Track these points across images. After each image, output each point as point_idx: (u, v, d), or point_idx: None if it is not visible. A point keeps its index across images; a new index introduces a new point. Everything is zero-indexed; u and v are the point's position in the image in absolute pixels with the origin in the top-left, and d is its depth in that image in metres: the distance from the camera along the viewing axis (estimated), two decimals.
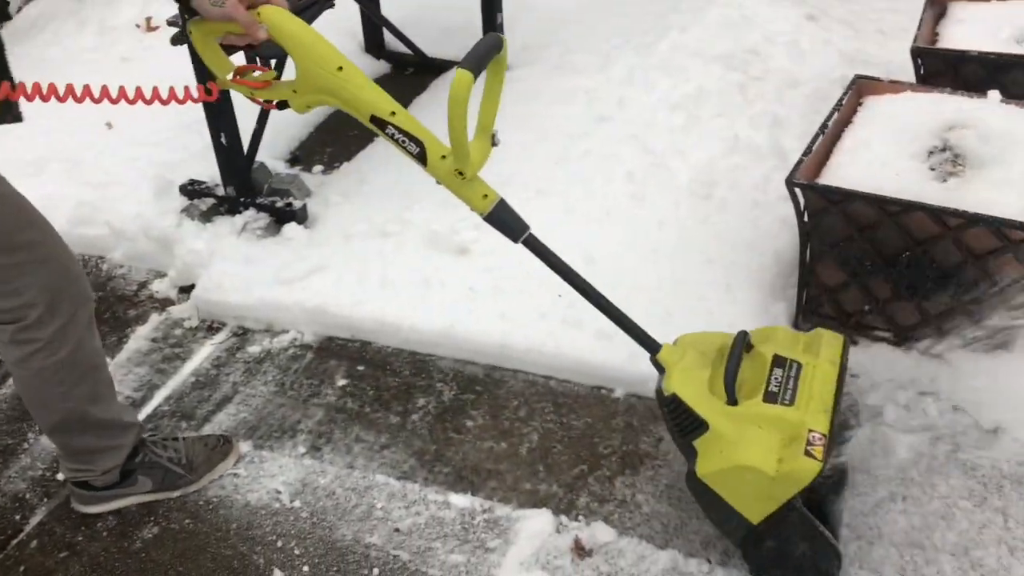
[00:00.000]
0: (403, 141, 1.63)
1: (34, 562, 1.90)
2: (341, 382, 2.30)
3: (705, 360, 1.76)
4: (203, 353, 2.43)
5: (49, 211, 1.75)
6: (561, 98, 3.20)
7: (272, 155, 3.08)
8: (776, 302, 2.33)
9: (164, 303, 2.59)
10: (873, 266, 2.10)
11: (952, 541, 1.82)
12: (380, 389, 2.28)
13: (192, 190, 2.79)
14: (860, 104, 2.34)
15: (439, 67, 3.52)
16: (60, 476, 2.05)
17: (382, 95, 1.62)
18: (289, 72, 1.69)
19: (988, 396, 2.04)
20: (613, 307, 1.77)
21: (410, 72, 3.59)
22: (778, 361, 1.72)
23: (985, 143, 2.06)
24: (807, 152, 2.15)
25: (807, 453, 1.59)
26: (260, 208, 2.72)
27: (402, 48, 3.60)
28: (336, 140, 3.23)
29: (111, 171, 2.99)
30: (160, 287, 2.64)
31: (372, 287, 2.47)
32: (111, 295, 2.65)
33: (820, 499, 1.84)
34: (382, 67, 3.64)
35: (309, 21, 2.60)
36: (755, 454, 1.62)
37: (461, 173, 1.65)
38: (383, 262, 2.55)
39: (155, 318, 2.55)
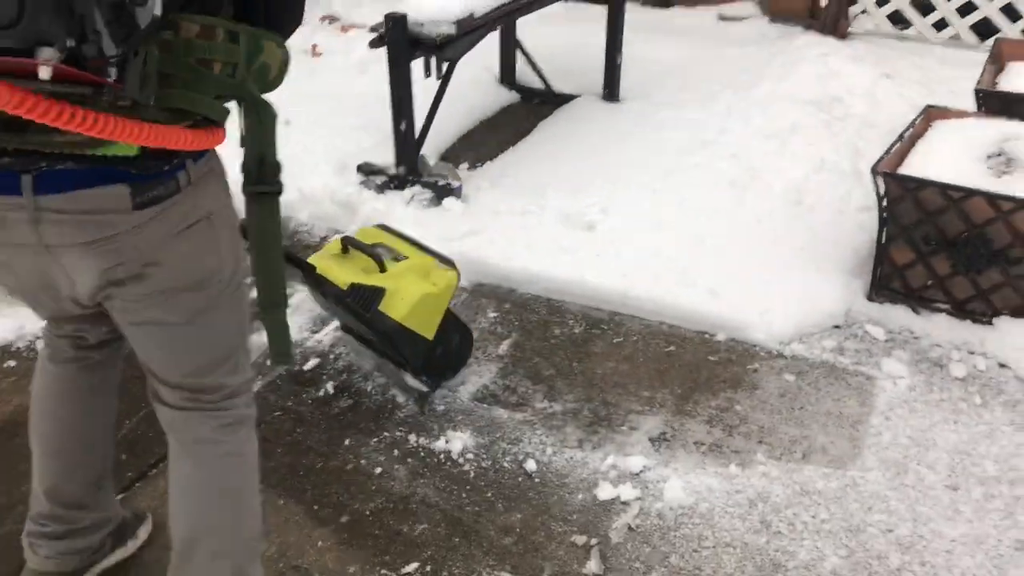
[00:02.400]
0: None
1: None
2: (492, 315, 2.84)
3: (342, 260, 2.36)
4: None
5: None
6: (669, 125, 3.77)
7: (429, 154, 3.68)
8: (854, 279, 2.83)
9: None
10: (937, 246, 2.60)
11: (995, 453, 2.27)
12: (523, 322, 2.80)
13: (368, 169, 3.40)
14: (930, 126, 2.87)
15: (562, 99, 4.13)
16: None
17: None
18: None
19: None
20: (290, 252, 2.30)
21: (537, 101, 4.20)
22: (374, 246, 2.38)
23: None
24: (887, 152, 2.68)
25: (444, 269, 2.40)
26: (424, 185, 3.30)
27: (530, 82, 4.22)
28: (478, 147, 3.82)
29: (295, 156, 3.60)
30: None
31: (518, 249, 3.01)
32: (297, 244, 3.22)
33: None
34: (513, 97, 4.26)
35: (465, 51, 3.23)
36: (421, 286, 2.33)
37: None
38: (526, 232, 3.10)
39: None
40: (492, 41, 4.08)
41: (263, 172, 1.39)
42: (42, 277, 1.44)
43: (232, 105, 1.38)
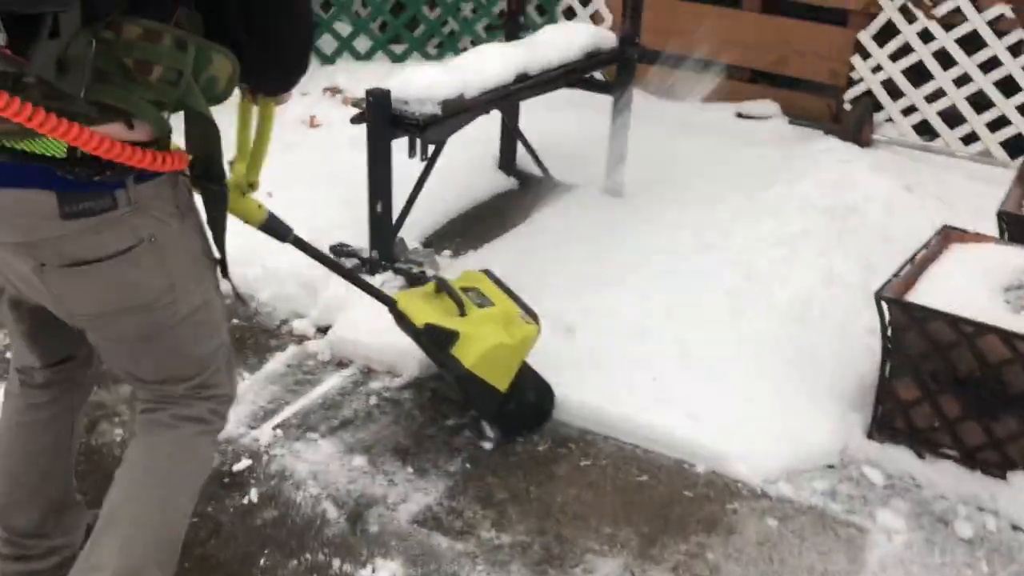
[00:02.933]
0: None
1: None
2: (449, 423, 2.57)
3: (428, 300, 2.42)
4: (331, 382, 2.73)
5: None
6: (670, 224, 3.54)
7: (410, 237, 3.46)
8: (853, 412, 2.54)
9: (301, 338, 2.93)
10: (946, 384, 2.31)
11: None
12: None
13: (340, 250, 3.17)
14: (946, 248, 2.61)
15: (561, 189, 3.91)
16: None
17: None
18: None
19: None
20: (359, 277, 2.47)
21: (535, 190, 3.99)
22: (465, 290, 2.45)
23: None
24: (895, 275, 2.42)
25: (526, 322, 2.43)
26: (397, 272, 3.08)
27: (531, 169, 4.02)
28: (465, 234, 3.60)
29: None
30: (300, 325, 2.97)
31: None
32: (257, 327, 2.99)
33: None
34: (511, 183, 4.05)
35: (450, 133, 3.05)
36: (497, 336, 2.34)
37: (251, 184, 1.90)
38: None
39: (292, 349, 2.88)
40: (494, 123, 3.90)
41: (209, 171, 1.51)
42: None
43: None
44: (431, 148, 3.06)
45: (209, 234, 1.63)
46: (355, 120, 2.99)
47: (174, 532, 1.69)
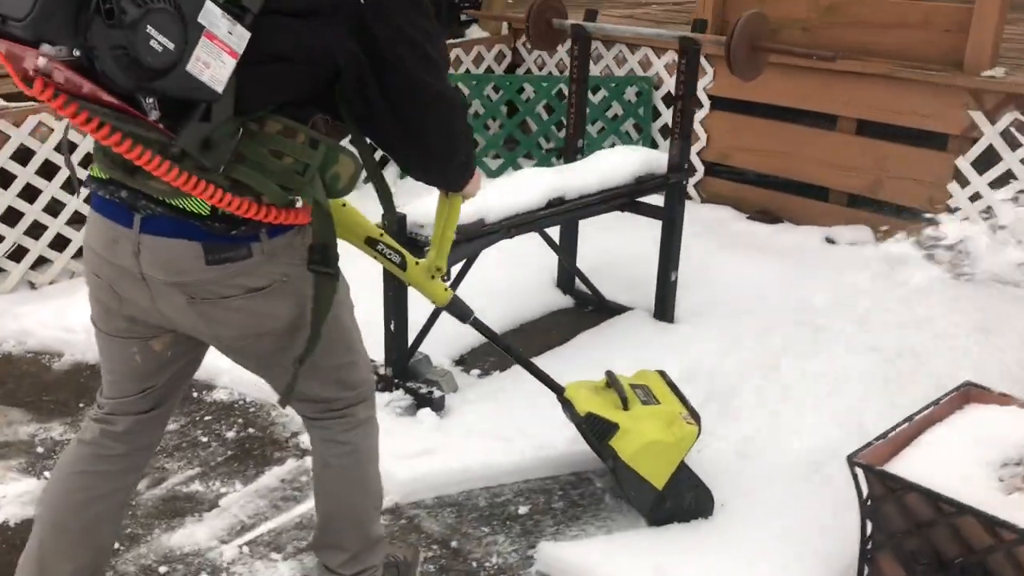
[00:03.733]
0: (389, 254, 2.14)
1: None
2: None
3: (595, 392, 2.53)
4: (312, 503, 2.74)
5: None
6: (711, 358, 3.38)
7: (445, 352, 3.48)
8: None
9: (304, 452, 2.97)
10: (928, 567, 2.05)
11: None
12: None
13: None
14: (960, 409, 2.35)
15: (612, 310, 3.84)
16: None
17: (372, 224, 2.11)
18: None
19: None
20: (531, 362, 2.58)
21: (589, 310, 3.93)
22: (633, 387, 2.56)
23: None
24: (881, 436, 2.19)
25: (687, 422, 2.48)
26: (407, 391, 3.09)
27: (586, 289, 3.97)
28: (499, 352, 3.56)
29: None
30: (306, 439, 3.02)
31: (471, 479, 2.72)
32: (267, 437, 3.07)
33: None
34: (567, 301, 4.01)
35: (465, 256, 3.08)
36: (656, 432, 2.43)
37: (439, 269, 2.23)
38: (487, 462, 2.80)
39: (291, 463, 2.92)
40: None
41: (324, 256, 1.72)
42: (137, 296, 1.73)
43: None
44: (457, 268, 3.09)
45: (308, 311, 1.79)
46: None
47: (376, 501, 2.13)
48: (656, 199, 3.66)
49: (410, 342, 3.16)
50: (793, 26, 4.67)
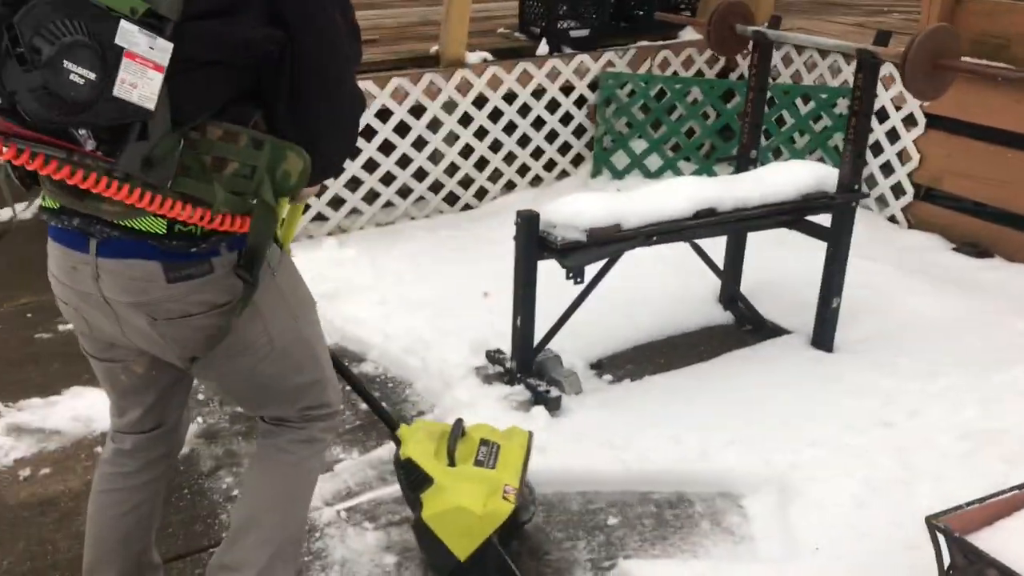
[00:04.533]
0: None
1: None
2: None
3: (432, 438, 2.38)
4: None
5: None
6: (859, 390, 3.16)
7: (584, 353, 3.48)
8: None
9: None
10: None
11: None
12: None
13: (492, 356, 3.32)
14: None
15: (770, 332, 3.66)
16: None
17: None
18: None
19: None
20: (369, 394, 2.42)
21: (747, 329, 3.78)
22: (483, 442, 2.40)
23: None
24: (976, 501, 1.98)
25: (504, 498, 2.24)
26: (528, 387, 3.14)
27: (756, 306, 3.81)
28: (642, 361, 3.53)
29: (462, 322, 3.63)
30: (428, 420, 3.15)
31: (567, 482, 2.73)
32: (395, 412, 3.20)
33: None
34: (727, 318, 3.87)
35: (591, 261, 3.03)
36: (467, 498, 2.21)
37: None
38: (587, 466, 2.79)
39: None
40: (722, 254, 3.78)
41: (249, 261, 1.65)
42: (102, 322, 1.75)
43: None
44: (587, 272, 3.09)
45: (271, 327, 1.79)
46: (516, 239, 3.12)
47: (295, 535, 2.02)
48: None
49: (538, 340, 3.20)
50: None
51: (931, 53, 2.90)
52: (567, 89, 5.20)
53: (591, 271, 3.11)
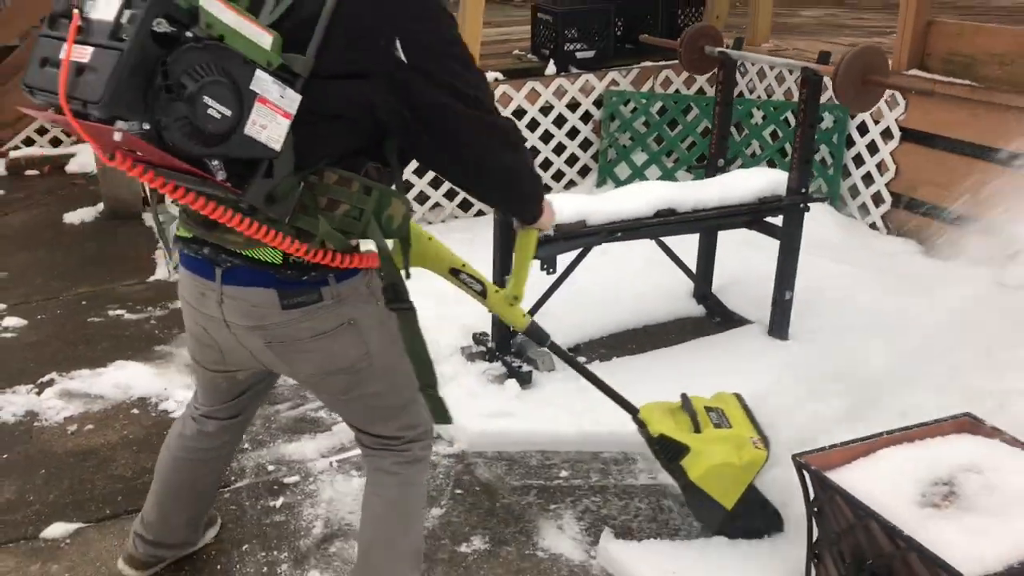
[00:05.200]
0: (470, 283, 2.33)
1: None
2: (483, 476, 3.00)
3: (668, 414, 2.64)
4: None
5: None
6: (808, 368, 3.51)
7: (561, 340, 3.87)
8: None
9: None
10: (849, 568, 2.21)
11: None
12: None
13: (477, 338, 3.76)
14: (946, 435, 2.41)
15: (736, 322, 4.05)
16: None
17: (455, 255, 2.32)
18: None
19: None
20: (605, 383, 2.71)
21: (716, 321, 4.15)
22: (708, 409, 2.68)
23: (986, 493, 2.09)
24: (842, 444, 2.35)
25: (756, 447, 2.56)
26: (504, 363, 3.57)
27: (724, 300, 4.19)
28: (613, 346, 3.93)
29: (460, 310, 4.06)
30: None
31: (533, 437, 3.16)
32: None
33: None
34: (699, 311, 4.24)
35: (560, 252, 3.40)
36: (725, 455, 2.53)
37: (516, 297, 2.40)
38: (554, 425, 3.22)
39: None
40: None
41: (396, 294, 1.86)
42: (225, 342, 1.98)
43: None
44: (560, 263, 3.51)
45: (374, 351, 1.96)
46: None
47: (417, 546, 2.24)
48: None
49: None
50: (991, 60, 4.54)
51: (859, 70, 3.27)
52: (573, 106, 5.64)
53: (564, 263, 3.54)
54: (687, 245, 4.11)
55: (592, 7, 5.86)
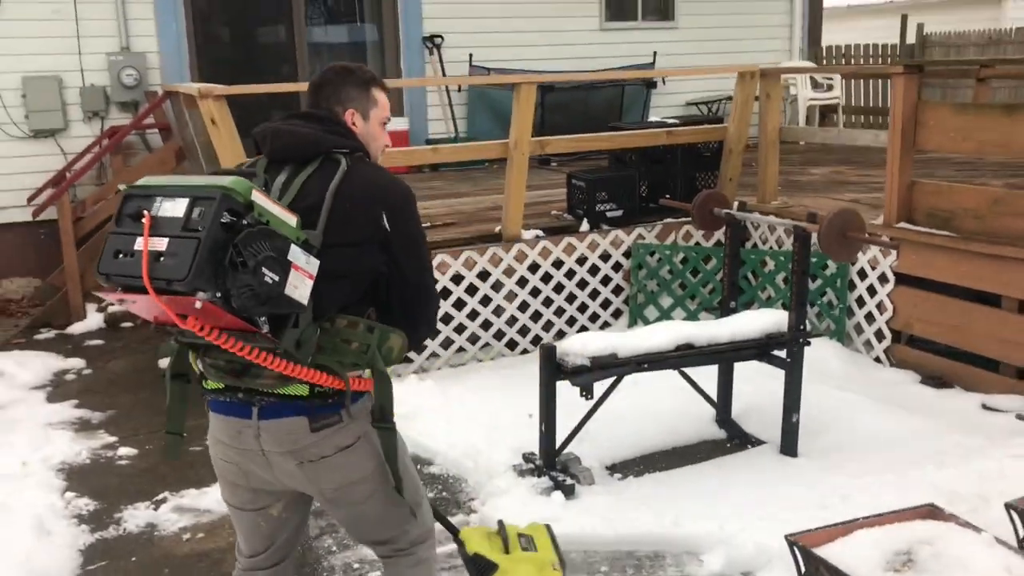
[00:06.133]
0: None
1: None
2: None
3: (485, 537, 2.92)
4: None
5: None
6: (808, 484, 4.07)
7: (599, 459, 4.50)
8: None
9: (471, 511, 4.14)
10: None
11: None
12: None
13: (526, 457, 4.38)
14: (912, 520, 2.99)
15: (753, 442, 4.64)
16: None
17: None
18: None
19: None
20: (439, 512, 2.86)
21: (735, 442, 4.74)
22: (520, 535, 2.96)
23: (936, 559, 2.66)
24: (825, 527, 2.93)
25: (555, 569, 2.89)
26: (550, 478, 4.18)
27: (743, 425, 4.79)
28: (645, 465, 4.53)
29: (509, 434, 4.70)
30: (478, 504, 4.20)
31: (571, 535, 3.73)
32: (452, 499, 4.28)
33: None
34: (720, 434, 4.83)
35: (596, 380, 4.09)
36: (528, 573, 2.80)
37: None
38: (589, 531, 3.79)
39: (460, 516, 4.10)
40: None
41: (382, 415, 2.26)
42: (258, 471, 2.32)
43: None
44: (596, 390, 4.17)
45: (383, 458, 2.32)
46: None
47: None
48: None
49: (559, 442, 4.26)
50: (966, 215, 5.25)
51: (839, 228, 3.99)
52: (605, 256, 6.42)
53: (600, 391, 4.20)
54: (708, 377, 4.76)
55: (620, 174, 6.74)
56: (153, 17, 8.22)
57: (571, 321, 6.41)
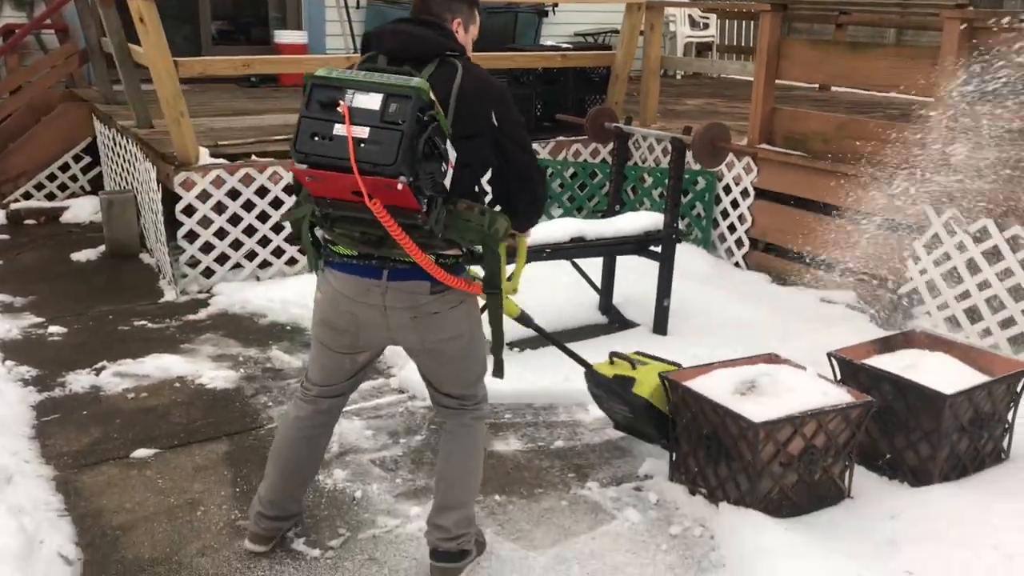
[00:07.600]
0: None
1: None
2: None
3: (609, 365, 3.80)
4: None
5: None
6: (673, 352, 4.84)
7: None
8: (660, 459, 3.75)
9: (401, 390, 4.73)
10: (698, 440, 3.50)
11: None
12: None
13: None
14: (756, 364, 3.75)
15: (630, 325, 5.38)
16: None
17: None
18: None
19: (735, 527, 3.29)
20: (567, 347, 3.85)
21: (615, 326, 5.48)
22: (631, 360, 3.80)
23: (773, 385, 3.43)
24: (692, 367, 3.66)
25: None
26: None
27: (622, 311, 5.53)
28: (539, 342, 5.20)
29: None
30: (397, 380, 4.79)
31: None
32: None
33: None
34: (603, 319, 5.56)
35: None
36: (656, 377, 3.59)
37: (515, 291, 3.21)
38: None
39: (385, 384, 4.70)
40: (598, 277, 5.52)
41: (491, 282, 2.71)
42: (373, 323, 2.72)
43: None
44: None
45: (476, 327, 2.84)
46: None
47: (479, 480, 3.04)
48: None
49: None
50: (816, 138, 6.08)
51: (709, 138, 4.71)
52: None
53: None
54: (595, 272, 5.45)
55: (517, 92, 7.30)
56: None
57: None
